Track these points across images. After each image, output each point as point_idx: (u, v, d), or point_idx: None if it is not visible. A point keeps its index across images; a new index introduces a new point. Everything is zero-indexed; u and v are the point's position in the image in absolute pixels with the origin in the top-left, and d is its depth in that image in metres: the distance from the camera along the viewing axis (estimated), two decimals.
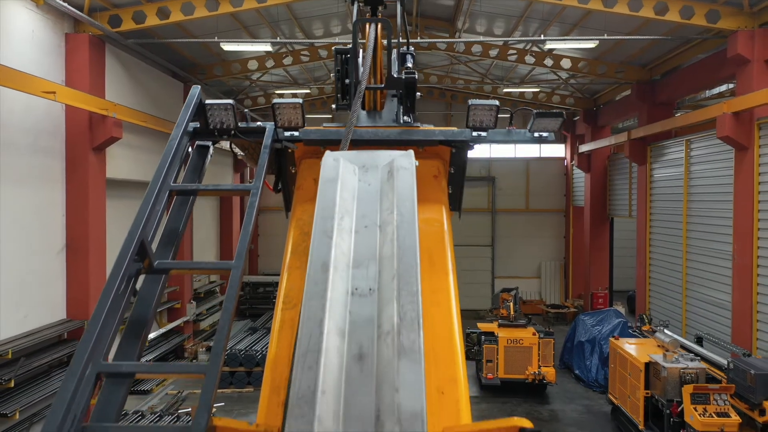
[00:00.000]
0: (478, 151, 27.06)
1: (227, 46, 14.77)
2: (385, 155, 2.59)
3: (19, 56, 10.86)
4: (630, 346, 12.43)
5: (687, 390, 9.92)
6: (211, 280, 22.07)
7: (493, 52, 18.27)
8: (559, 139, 27.16)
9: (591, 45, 14.59)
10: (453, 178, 3.56)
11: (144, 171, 15.75)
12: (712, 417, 9.62)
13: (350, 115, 3.17)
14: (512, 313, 15.88)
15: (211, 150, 3.30)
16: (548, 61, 18.03)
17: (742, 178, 12.69)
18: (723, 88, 18.25)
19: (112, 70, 13.79)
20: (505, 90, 22.37)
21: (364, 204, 2.32)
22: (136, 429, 6.25)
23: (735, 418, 9.61)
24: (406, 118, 3.48)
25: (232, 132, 3.22)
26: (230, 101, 3.19)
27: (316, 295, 1.97)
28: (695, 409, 9.75)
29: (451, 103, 27.02)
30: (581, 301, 24.41)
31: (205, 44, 16.27)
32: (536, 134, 3.46)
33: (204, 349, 18.29)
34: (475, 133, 3.40)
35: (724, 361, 10.72)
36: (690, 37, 14.24)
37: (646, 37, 14.30)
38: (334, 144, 3.08)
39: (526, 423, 1.94)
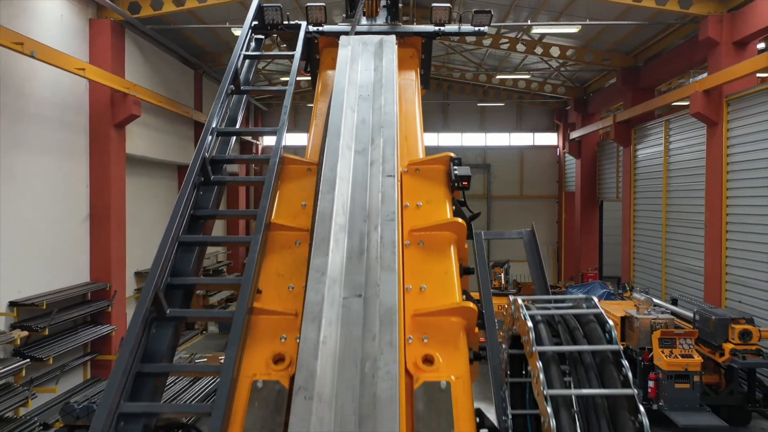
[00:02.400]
0: (474, 140, 28.13)
1: (238, 32, 15.80)
2: (377, 36, 3.99)
3: (50, 38, 11.90)
4: (609, 306, 13.48)
5: (655, 335, 10.98)
6: (219, 260, 23.14)
7: (487, 42, 19.33)
8: (551, 128, 28.27)
9: (574, 30, 15.65)
10: (424, 62, 4.80)
11: (159, 150, 16.86)
12: (677, 358, 10.69)
13: (355, 15, 4.54)
14: (503, 283, 16.97)
15: (263, 40, 4.61)
16: (538, 49, 19.08)
17: (713, 151, 13.77)
18: (705, 75, 19.28)
19: (130, 54, 14.88)
20: (499, 77, 23.39)
21: (364, 62, 3.51)
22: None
23: (697, 358, 10.67)
24: (393, 21, 4.90)
25: (280, 27, 4.41)
26: (278, 4, 4.42)
27: (335, 132, 3.09)
28: (663, 352, 10.81)
29: (447, 93, 28.04)
30: (572, 282, 25.46)
31: (215, 32, 17.36)
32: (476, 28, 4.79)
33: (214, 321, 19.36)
34: (436, 28, 4.63)
35: (692, 314, 11.80)
36: (667, 22, 15.31)
37: (625, 22, 15.39)
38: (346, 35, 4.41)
39: (452, 155, 3.08)
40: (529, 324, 3.52)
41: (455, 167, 3.22)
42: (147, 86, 15.36)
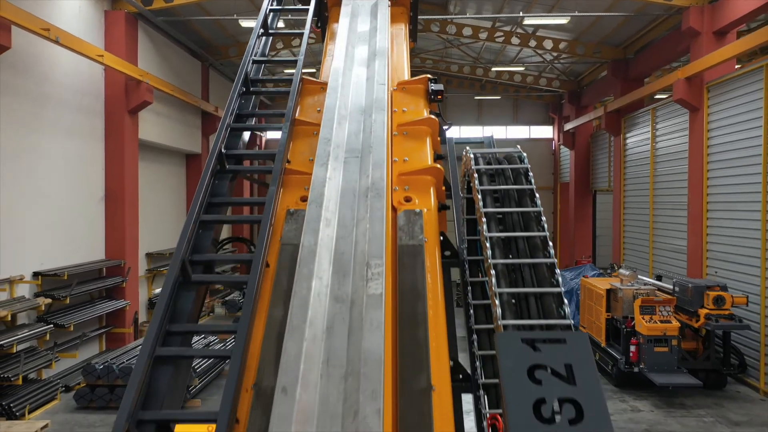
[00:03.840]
0: (472, 133, 28.93)
1: (245, 23, 16.63)
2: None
3: (69, 28, 12.69)
4: (597, 281, 14.25)
5: (637, 303, 11.74)
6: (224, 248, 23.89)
7: (483, 35, 20.11)
8: (547, 121, 29.06)
9: (564, 21, 16.43)
10: (412, 18, 5.57)
11: (169, 137, 17.65)
12: (657, 324, 11.45)
13: None
14: None
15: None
16: (532, 42, 19.85)
17: (695, 136, 14.54)
18: None
19: (143, 45, 15.67)
20: (495, 69, 24.17)
21: (362, 16, 4.35)
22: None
23: (675, 323, 11.43)
24: None
25: None
26: None
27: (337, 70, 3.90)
28: (643, 318, 11.57)
29: (446, 87, 28.78)
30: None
31: (222, 26, 18.17)
32: None
33: (220, 303, 20.17)
34: None
35: (672, 286, 12.57)
36: (654, 14, 16.09)
37: (613, 14, 16.16)
38: None
39: (430, 76, 3.90)
40: (472, 164, 4.96)
41: (432, 84, 4.10)
42: (158, 76, 16.16)
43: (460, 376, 3.69)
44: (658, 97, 20.12)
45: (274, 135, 26.11)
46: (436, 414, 2.27)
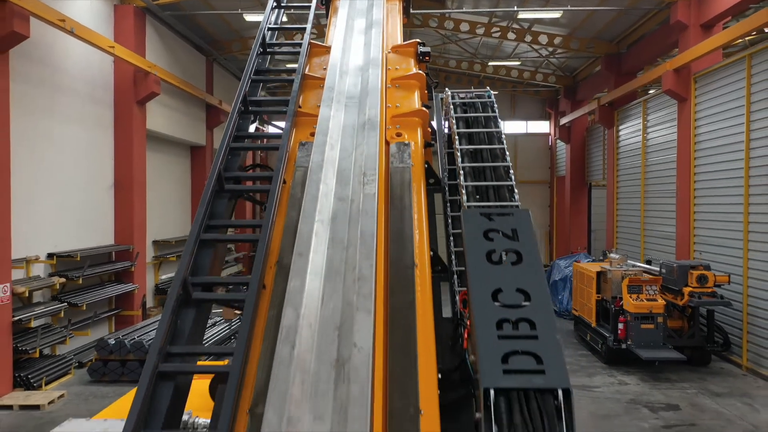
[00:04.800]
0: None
1: (249, 17, 17.19)
2: None
3: (81, 21, 13.19)
4: (589, 265, 14.80)
5: (624, 283, 12.29)
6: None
7: (480, 30, 20.65)
8: (544, 117, 29.61)
9: (557, 15, 16.99)
10: None
11: (175, 128, 18.22)
12: (643, 302, 12.00)
13: None
14: None
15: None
16: (528, 37, 20.39)
17: (683, 125, 15.08)
18: None
19: (150, 38, 16.22)
20: (492, 63, 24.71)
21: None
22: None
23: (661, 301, 11.98)
24: None
25: None
26: None
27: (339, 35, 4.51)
28: (631, 297, 12.12)
29: (445, 84, 29.36)
30: None
31: (226, 21, 18.72)
32: None
33: (223, 291, 20.64)
34: None
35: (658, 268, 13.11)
36: (644, 8, 16.64)
37: (605, 8, 16.70)
38: None
39: (419, 41, 4.47)
40: (449, 99, 5.90)
41: (420, 47, 4.72)
42: (165, 68, 16.71)
43: (439, 268, 4.26)
44: (652, 92, 20.66)
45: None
46: (418, 282, 2.85)
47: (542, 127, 29.81)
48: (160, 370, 2.72)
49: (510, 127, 29.70)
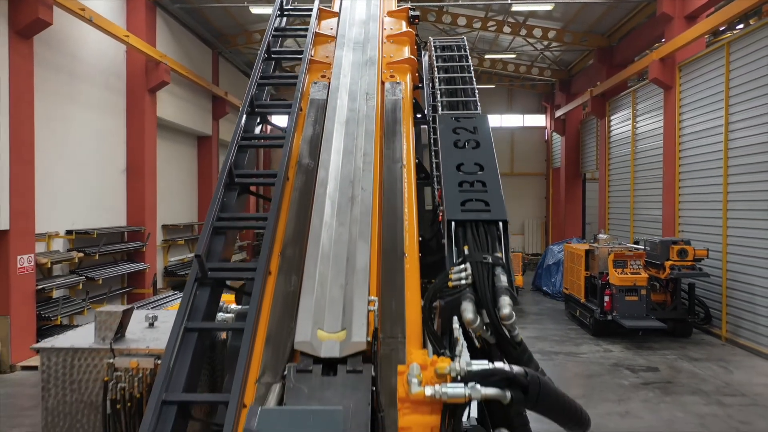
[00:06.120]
0: None
1: (255, 9, 17.92)
2: None
3: (96, 11, 14.00)
4: (579, 245, 15.53)
5: (610, 258, 13.02)
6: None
7: (477, 24, 21.39)
8: (540, 110, 30.36)
9: (548, 7, 17.74)
10: None
11: (183, 117, 18.97)
12: (628, 275, 12.73)
13: None
14: None
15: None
16: (522, 31, 21.13)
17: (668, 113, 15.82)
18: None
19: (160, 30, 16.97)
20: (488, 56, 25.44)
21: None
22: None
23: (644, 275, 12.72)
24: None
25: None
26: None
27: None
28: (616, 271, 12.85)
29: None
30: None
31: (232, 15, 19.48)
32: None
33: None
34: None
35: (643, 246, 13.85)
36: (634, 1, 17.38)
37: (596, 1, 17.45)
38: None
39: (410, 6, 5.29)
40: (431, 43, 6.47)
41: (411, 12, 5.57)
42: (174, 59, 17.45)
43: (422, 175, 5.07)
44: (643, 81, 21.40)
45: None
46: (405, 178, 3.70)
47: (539, 120, 30.56)
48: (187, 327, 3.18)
49: (507, 120, 30.48)
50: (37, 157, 11.57)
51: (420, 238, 3.38)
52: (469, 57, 5.93)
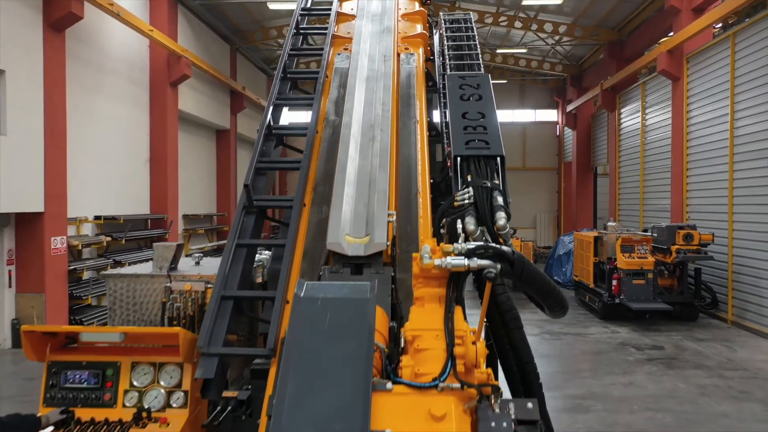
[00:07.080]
0: None
1: (273, 5, 18.46)
2: None
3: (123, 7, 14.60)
4: (589, 233, 15.90)
5: (618, 243, 13.39)
6: None
7: (488, 20, 21.81)
8: (552, 105, 30.67)
9: (558, 1, 18.14)
10: None
11: (203, 110, 19.57)
12: (635, 259, 13.10)
13: None
14: None
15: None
16: (533, 26, 21.52)
17: (676, 104, 16.15)
18: None
19: (182, 25, 17.57)
20: (499, 51, 25.80)
21: None
22: None
23: (651, 259, 13.08)
24: None
25: None
26: None
27: None
28: (623, 255, 13.22)
29: None
30: None
31: (249, 11, 20.06)
32: None
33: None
34: None
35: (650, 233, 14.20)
36: None
37: None
38: None
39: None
40: (441, 18, 6.86)
41: None
42: (194, 54, 18.04)
43: (434, 133, 5.60)
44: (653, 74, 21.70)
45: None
46: (418, 132, 4.25)
47: (550, 115, 30.87)
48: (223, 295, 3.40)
49: (519, 115, 30.83)
50: (69, 146, 12.16)
51: (431, 181, 3.92)
52: (474, 27, 6.43)
